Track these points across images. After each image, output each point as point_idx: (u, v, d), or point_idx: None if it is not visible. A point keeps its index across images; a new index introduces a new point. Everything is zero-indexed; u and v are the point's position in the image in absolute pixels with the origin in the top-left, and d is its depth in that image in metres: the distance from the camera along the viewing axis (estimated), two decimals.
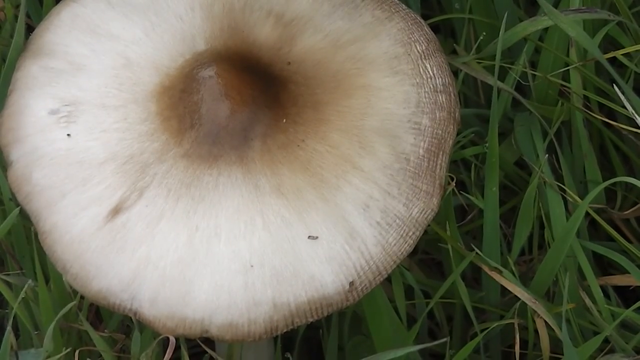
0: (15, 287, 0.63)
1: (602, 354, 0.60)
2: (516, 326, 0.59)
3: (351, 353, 0.65)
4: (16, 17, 0.67)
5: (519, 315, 0.59)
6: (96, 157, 0.54)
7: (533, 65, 0.62)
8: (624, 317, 0.58)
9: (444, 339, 0.59)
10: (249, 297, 0.49)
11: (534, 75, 0.64)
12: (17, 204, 0.59)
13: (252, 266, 0.50)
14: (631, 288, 0.66)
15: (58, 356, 0.61)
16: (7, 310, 0.69)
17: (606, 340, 0.59)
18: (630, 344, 0.59)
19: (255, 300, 0.49)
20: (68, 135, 0.54)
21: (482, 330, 0.59)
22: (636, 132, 0.60)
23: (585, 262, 0.59)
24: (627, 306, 0.60)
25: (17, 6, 0.70)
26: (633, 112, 0.56)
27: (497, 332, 0.62)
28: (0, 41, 0.71)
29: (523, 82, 0.64)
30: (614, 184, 0.64)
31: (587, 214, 0.63)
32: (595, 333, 0.59)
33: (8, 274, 0.65)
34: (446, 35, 0.74)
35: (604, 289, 0.63)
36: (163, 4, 0.60)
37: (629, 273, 0.62)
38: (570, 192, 0.63)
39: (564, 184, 0.63)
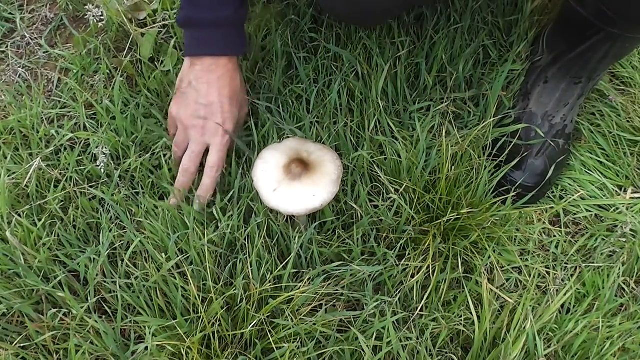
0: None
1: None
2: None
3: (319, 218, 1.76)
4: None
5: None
6: (271, 178, 1.41)
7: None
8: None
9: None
10: (304, 207, 1.37)
11: None
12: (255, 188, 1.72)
13: (307, 198, 1.74)
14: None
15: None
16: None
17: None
18: None
19: (300, 208, 1.37)
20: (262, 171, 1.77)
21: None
22: None
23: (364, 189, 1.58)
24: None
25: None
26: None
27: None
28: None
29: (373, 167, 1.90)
30: None
31: None
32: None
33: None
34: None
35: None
36: (281, 149, 1.48)
37: None
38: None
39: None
